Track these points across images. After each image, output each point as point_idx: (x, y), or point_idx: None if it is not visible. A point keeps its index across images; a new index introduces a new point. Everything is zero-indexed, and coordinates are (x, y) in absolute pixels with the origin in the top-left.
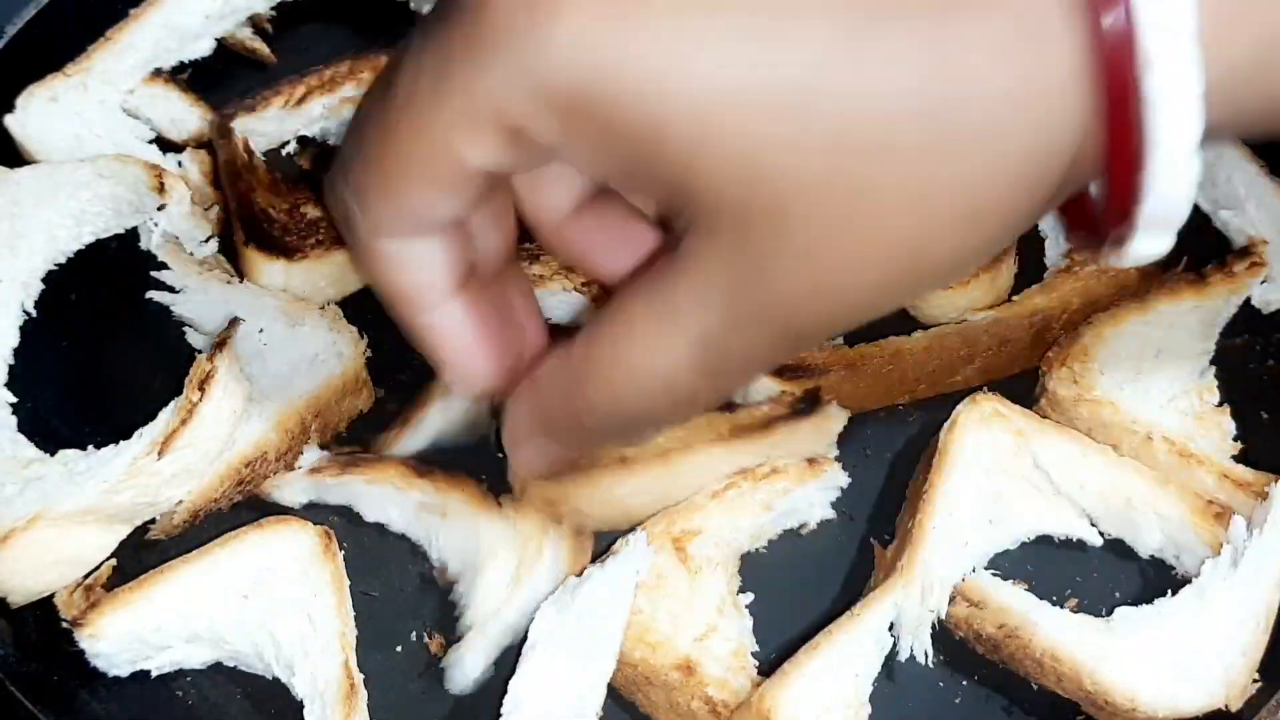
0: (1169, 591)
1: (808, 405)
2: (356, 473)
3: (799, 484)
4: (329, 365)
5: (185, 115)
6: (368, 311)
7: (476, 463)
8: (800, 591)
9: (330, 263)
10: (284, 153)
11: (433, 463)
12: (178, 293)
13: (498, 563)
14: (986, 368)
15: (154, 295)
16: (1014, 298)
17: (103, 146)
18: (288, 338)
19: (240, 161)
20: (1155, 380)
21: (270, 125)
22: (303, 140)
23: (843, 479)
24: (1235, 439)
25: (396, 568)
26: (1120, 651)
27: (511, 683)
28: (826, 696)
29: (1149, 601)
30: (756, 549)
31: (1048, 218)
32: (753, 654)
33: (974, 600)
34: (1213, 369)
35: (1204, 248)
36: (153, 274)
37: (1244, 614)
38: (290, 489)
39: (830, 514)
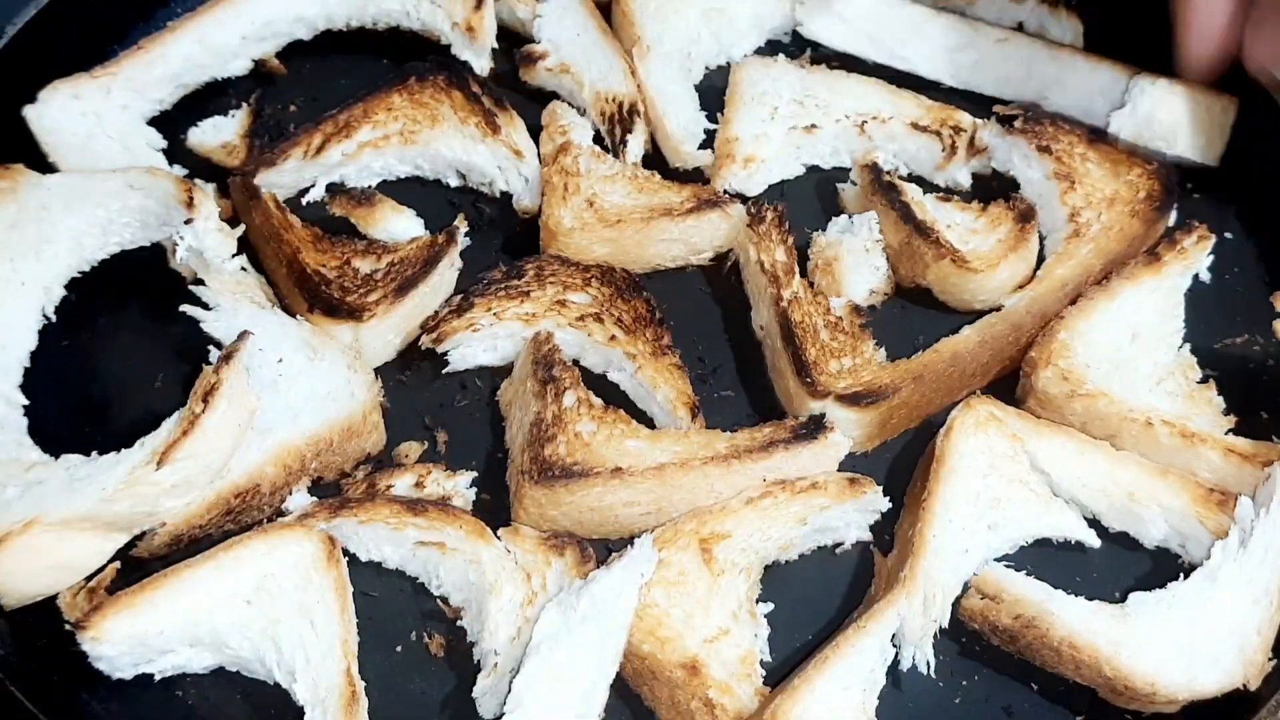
0: (1181, 576)
1: (810, 431)
2: (347, 515)
3: (837, 502)
4: (339, 404)
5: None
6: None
7: (482, 483)
8: (822, 606)
9: (397, 314)
10: (303, 202)
11: (425, 501)
12: (210, 310)
13: (502, 595)
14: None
15: (186, 309)
16: (1037, 273)
17: (112, 148)
18: (305, 371)
19: (278, 220)
20: (1138, 365)
21: (289, 177)
22: (329, 188)
23: (882, 503)
24: (1226, 413)
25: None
26: (1137, 637)
27: (515, 681)
28: (836, 712)
29: (1160, 587)
30: (786, 560)
31: (1041, 182)
32: (762, 663)
33: (989, 593)
34: (1187, 346)
35: None
36: (190, 288)
37: (1257, 592)
38: (295, 497)
39: (866, 535)
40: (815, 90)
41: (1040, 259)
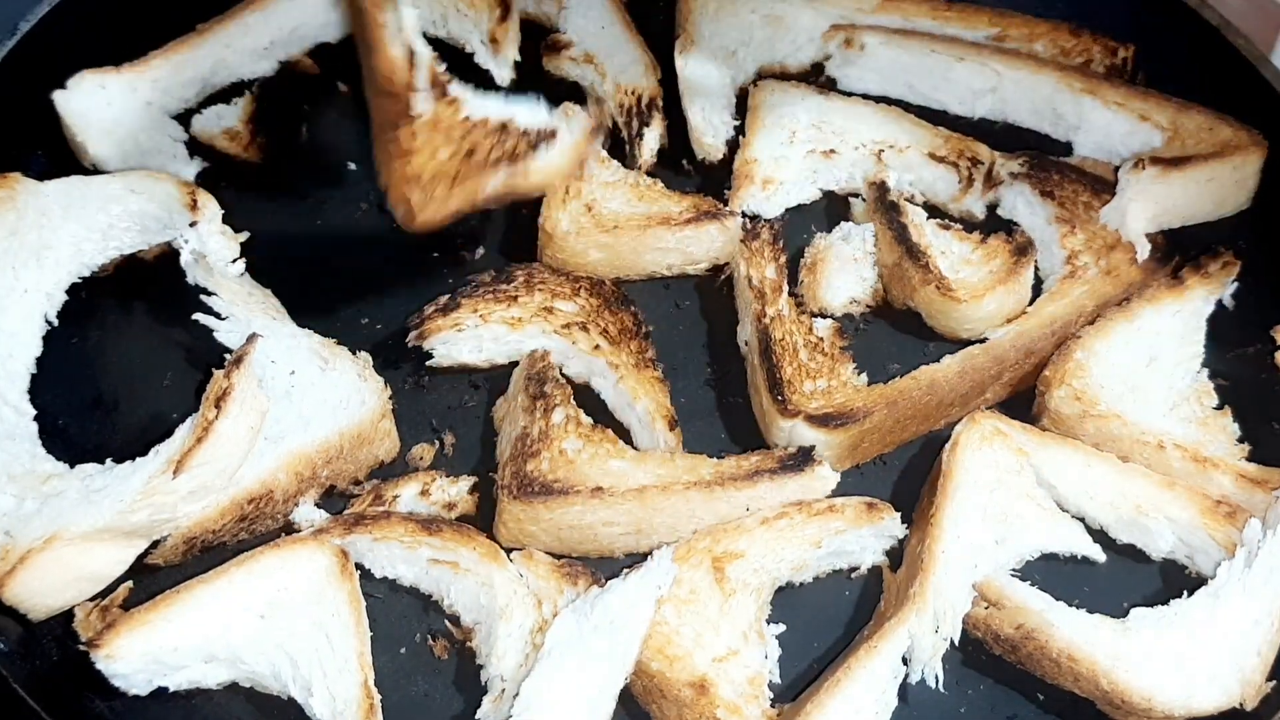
0: (1184, 592)
1: (797, 462)
2: (361, 531)
3: (853, 526)
4: (350, 412)
5: None
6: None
7: (484, 487)
8: (831, 626)
9: None
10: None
11: (440, 520)
12: (224, 319)
13: (513, 620)
14: (1013, 382)
15: (199, 318)
16: (1028, 309)
17: (136, 136)
18: (317, 381)
19: None
20: (1153, 388)
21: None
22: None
23: (899, 529)
24: (1240, 440)
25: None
26: (1136, 652)
27: (524, 684)
28: None
29: (1163, 604)
30: (800, 583)
31: (1042, 227)
32: (771, 685)
33: (991, 599)
34: (1205, 371)
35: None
36: (203, 298)
37: (1259, 613)
38: (306, 509)
39: (881, 560)
40: (832, 117)
41: (1035, 295)
